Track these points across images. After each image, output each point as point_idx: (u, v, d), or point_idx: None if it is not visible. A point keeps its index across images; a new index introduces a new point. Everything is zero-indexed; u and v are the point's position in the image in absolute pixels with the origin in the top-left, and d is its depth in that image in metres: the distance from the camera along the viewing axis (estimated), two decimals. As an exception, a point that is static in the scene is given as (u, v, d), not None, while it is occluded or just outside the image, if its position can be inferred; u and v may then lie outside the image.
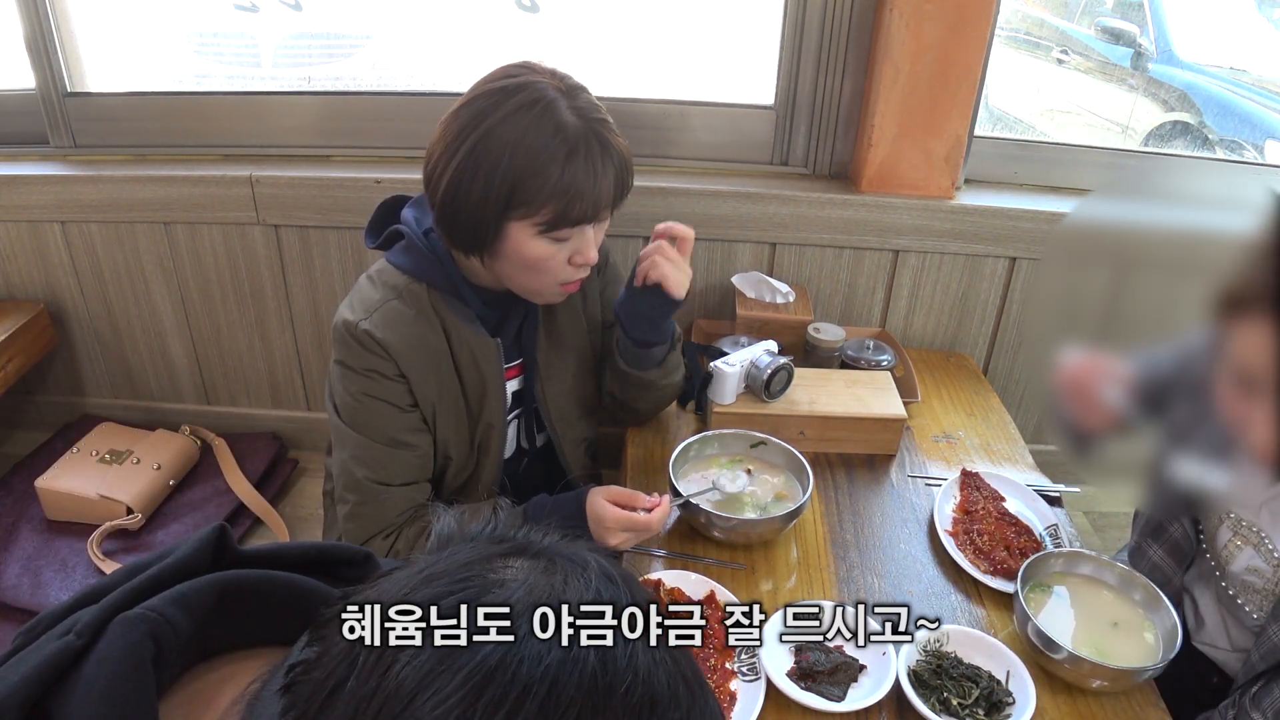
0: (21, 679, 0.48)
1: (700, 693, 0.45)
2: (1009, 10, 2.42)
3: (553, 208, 1.17)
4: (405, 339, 1.27)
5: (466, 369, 1.32)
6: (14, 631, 0.54)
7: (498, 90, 1.18)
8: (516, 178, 1.15)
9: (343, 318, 1.27)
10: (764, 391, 1.50)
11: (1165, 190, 1.00)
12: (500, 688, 0.40)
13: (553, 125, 1.15)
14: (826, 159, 1.97)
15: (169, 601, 0.52)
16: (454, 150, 1.17)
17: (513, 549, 0.47)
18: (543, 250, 1.21)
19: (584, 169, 1.16)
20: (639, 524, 1.22)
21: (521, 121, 1.15)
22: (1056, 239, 1.58)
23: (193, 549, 0.57)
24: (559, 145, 1.15)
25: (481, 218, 1.18)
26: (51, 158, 2.03)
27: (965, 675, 1.07)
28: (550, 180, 1.15)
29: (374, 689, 0.40)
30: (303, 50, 2.20)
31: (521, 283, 1.27)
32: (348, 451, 1.30)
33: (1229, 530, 1.19)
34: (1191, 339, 0.90)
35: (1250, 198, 0.77)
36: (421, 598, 0.43)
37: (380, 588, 0.46)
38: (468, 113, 1.18)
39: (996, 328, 2.03)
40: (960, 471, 1.46)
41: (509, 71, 1.21)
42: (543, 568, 0.45)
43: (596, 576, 0.46)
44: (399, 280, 1.29)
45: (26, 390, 2.27)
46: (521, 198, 1.16)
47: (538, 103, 1.16)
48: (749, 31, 1.96)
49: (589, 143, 1.17)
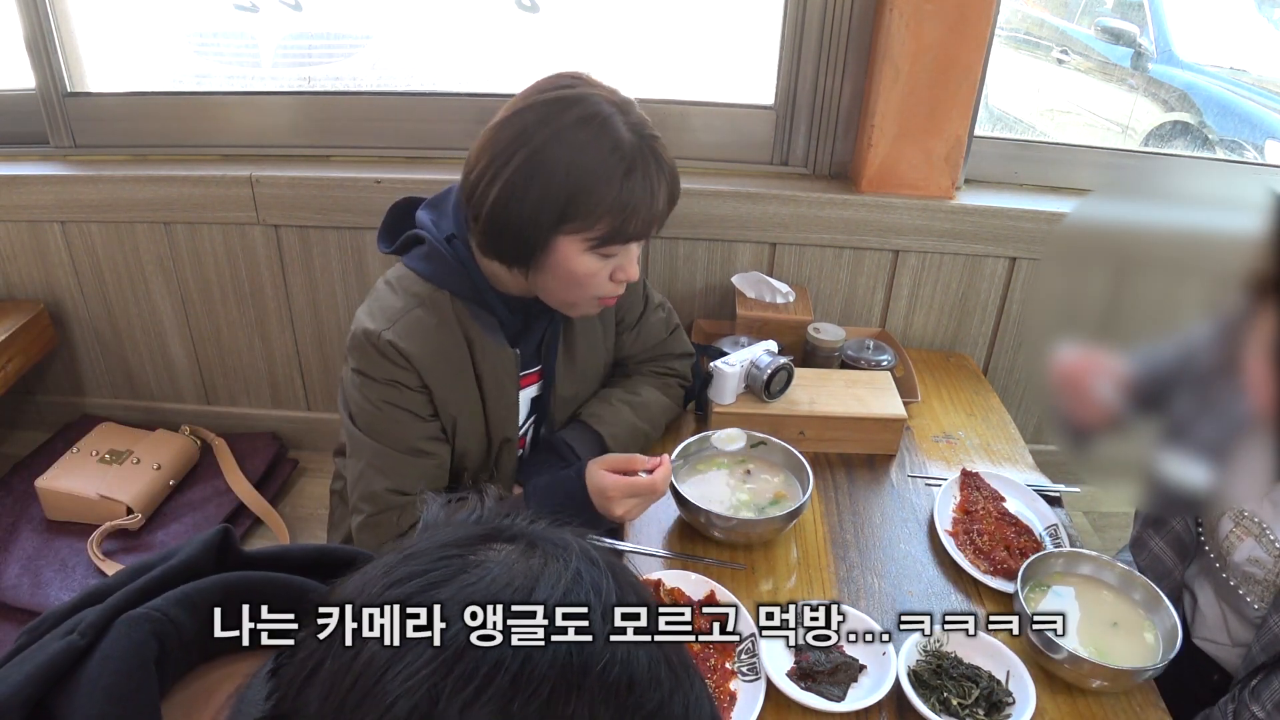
0: (25, 677, 0.48)
1: (685, 676, 0.45)
2: (1009, 10, 2.42)
3: (608, 224, 1.15)
4: (429, 350, 1.24)
5: (488, 381, 1.30)
6: (13, 631, 0.55)
7: (553, 102, 1.15)
8: (573, 192, 1.13)
9: (363, 327, 1.23)
10: (764, 391, 1.50)
11: (1165, 190, 1.00)
12: (471, 663, 0.40)
13: (611, 141, 1.13)
14: (826, 159, 1.97)
15: (173, 602, 0.53)
16: (505, 160, 1.14)
17: (494, 533, 0.47)
18: (589, 265, 1.19)
19: (641, 186, 1.15)
20: (641, 487, 1.21)
21: (580, 136, 1.12)
22: (1056, 239, 1.58)
23: (197, 550, 0.57)
24: (617, 162, 1.13)
25: (532, 230, 1.15)
26: (51, 158, 2.03)
27: (965, 675, 1.07)
28: (608, 197, 1.13)
29: (348, 666, 0.41)
30: (303, 50, 2.20)
31: (560, 295, 1.25)
32: (364, 460, 1.27)
33: (1230, 521, 1.19)
34: (1194, 334, 0.90)
35: (1250, 198, 0.77)
36: (401, 575, 0.44)
37: (365, 571, 0.46)
38: (520, 122, 1.15)
39: (996, 328, 2.04)
40: (960, 471, 1.46)
41: (562, 83, 1.18)
42: (522, 550, 0.45)
43: (578, 558, 0.46)
44: (421, 287, 1.26)
45: (26, 390, 2.27)
46: (576, 212, 1.14)
47: (595, 117, 1.13)
48: (749, 31, 1.97)
49: (645, 159, 1.15)
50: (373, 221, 1.94)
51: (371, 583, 0.45)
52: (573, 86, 1.16)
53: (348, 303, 2.09)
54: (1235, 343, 0.82)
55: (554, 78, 1.19)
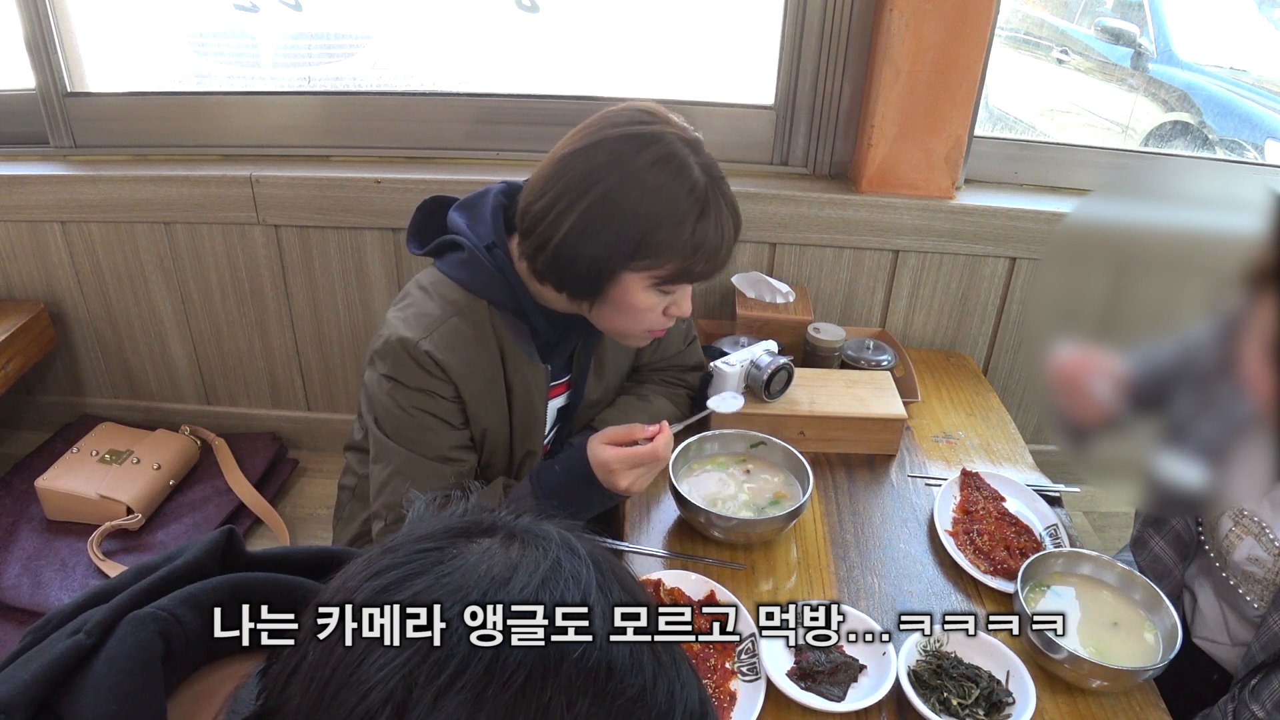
0: (31, 676, 0.48)
1: (671, 663, 0.45)
2: (1009, 10, 2.42)
3: (676, 264, 1.16)
4: (465, 362, 1.22)
5: (517, 393, 1.29)
6: (14, 631, 0.55)
7: (628, 139, 1.13)
8: (646, 233, 1.13)
9: (399, 334, 1.20)
10: (764, 391, 1.50)
11: (1165, 190, 1.00)
12: (445, 651, 0.40)
13: (688, 184, 1.13)
14: (826, 159, 1.97)
15: (178, 601, 0.53)
16: (578, 195, 1.12)
17: (473, 526, 0.48)
18: (649, 301, 1.19)
19: (713, 228, 1.16)
20: (642, 456, 1.19)
21: (656, 178, 1.12)
22: (1056, 239, 1.58)
23: (202, 551, 0.57)
24: (693, 204, 1.13)
25: (600, 267, 1.15)
26: (51, 158, 2.03)
27: (965, 675, 1.08)
28: (682, 238, 1.14)
29: (326, 658, 0.42)
30: (303, 50, 2.19)
31: (613, 324, 1.24)
32: (392, 466, 1.25)
33: (1230, 521, 1.19)
34: (1194, 332, 0.90)
35: (1250, 198, 0.77)
36: (380, 567, 0.45)
37: (348, 567, 0.47)
38: (593, 158, 1.13)
39: (996, 328, 2.04)
40: (960, 471, 1.46)
41: (637, 119, 1.15)
42: (500, 542, 0.46)
43: (558, 547, 0.46)
44: (458, 294, 1.23)
45: (26, 390, 2.27)
46: (648, 251, 1.14)
47: (673, 159, 1.13)
48: (749, 31, 1.97)
49: (716, 201, 1.16)
50: (373, 221, 1.96)
51: (352, 577, 0.46)
52: (647, 123, 1.15)
53: (347, 302, 2.09)
54: (1234, 340, 0.82)
55: (627, 111, 1.17)
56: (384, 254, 2.01)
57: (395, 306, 1.27)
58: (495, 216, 1.25)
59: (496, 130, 2.00)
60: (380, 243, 2.00)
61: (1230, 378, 0.83)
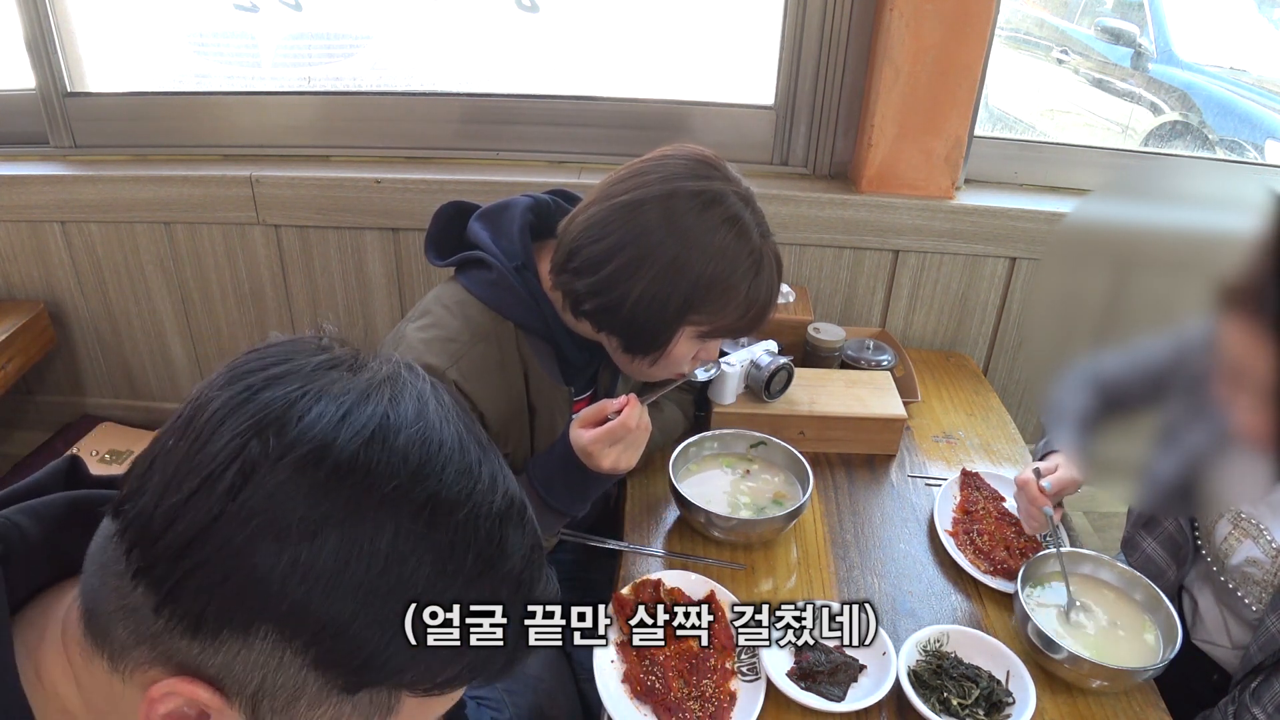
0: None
1: (495, 454, 0.56)
2: (1009, 10, 2.42)
3: (729, 319, 1.18)
4: (492, 391, 1.20)
5: (540, 414, 1.28)
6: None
7: (693, 197, 1.13)
8: (707, 289, 1.14)
9: (424, 360, 1.15)
10: (764, 391, 1.50)
11: (1165, 190, 1.00)
12: (293, 420, 0.49)
13: (750, 246, 1.15)
14: (826, 159, 1.97)
15: (16, 510, 0.57)
16: (645, 254, 1.12)
17: (330, 352, 0.57)
18: (689, 350, 1.21)
19: (766, 286, 1.18)
20: (615, 431, 1.17)
21: (723, 240, 1.13)
22: (1056, 239, 1.59)
23: (44, 473, 0.61)
24: (751, 264, 1.15)
25: (667, 327, 1.17)
26: (51, 158, 2.03)
27: (965, 675, 1.08)
28: (739, 296, 1.16)
29: (180, 436, 0.50)
30: (303, 50, 2.19)
31: (640, 368, 1.24)
32: None
33: (1228, 524, 1.19)
34: (1188, 333, 0.90)
35: (1250, 198, 0.77)
36: (241, 362, 0.53)
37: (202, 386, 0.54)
38: (659, 215, 1.12)
39: (996, 328, 2.03)
40: (960, 471, 1.46)
41: (698, 171, 1.15)
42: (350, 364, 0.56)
43: (404, 368, 0.57)
44: (485, 318, 1.20)
45: (26, 390, 2.27)
46: (706, 307, 1.15)
47: (736, 220, 1.14)
48: (749, 31, 1.97)
49: (769, 259, 1.18)
50: (373, 221, 1.96)
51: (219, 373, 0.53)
52: (708, 177, 1.15)
53: (347, 303, 2.09)
54: (1208, 356, 0.83)
55: (686, 162, 1.16)
56: (384, 254, 2.01)
57: (415, 322, 1.22)
58: (524, 236, 1.22)
59: (496, 130, 2.00)
60: (380, 243, 2.00)
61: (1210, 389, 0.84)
